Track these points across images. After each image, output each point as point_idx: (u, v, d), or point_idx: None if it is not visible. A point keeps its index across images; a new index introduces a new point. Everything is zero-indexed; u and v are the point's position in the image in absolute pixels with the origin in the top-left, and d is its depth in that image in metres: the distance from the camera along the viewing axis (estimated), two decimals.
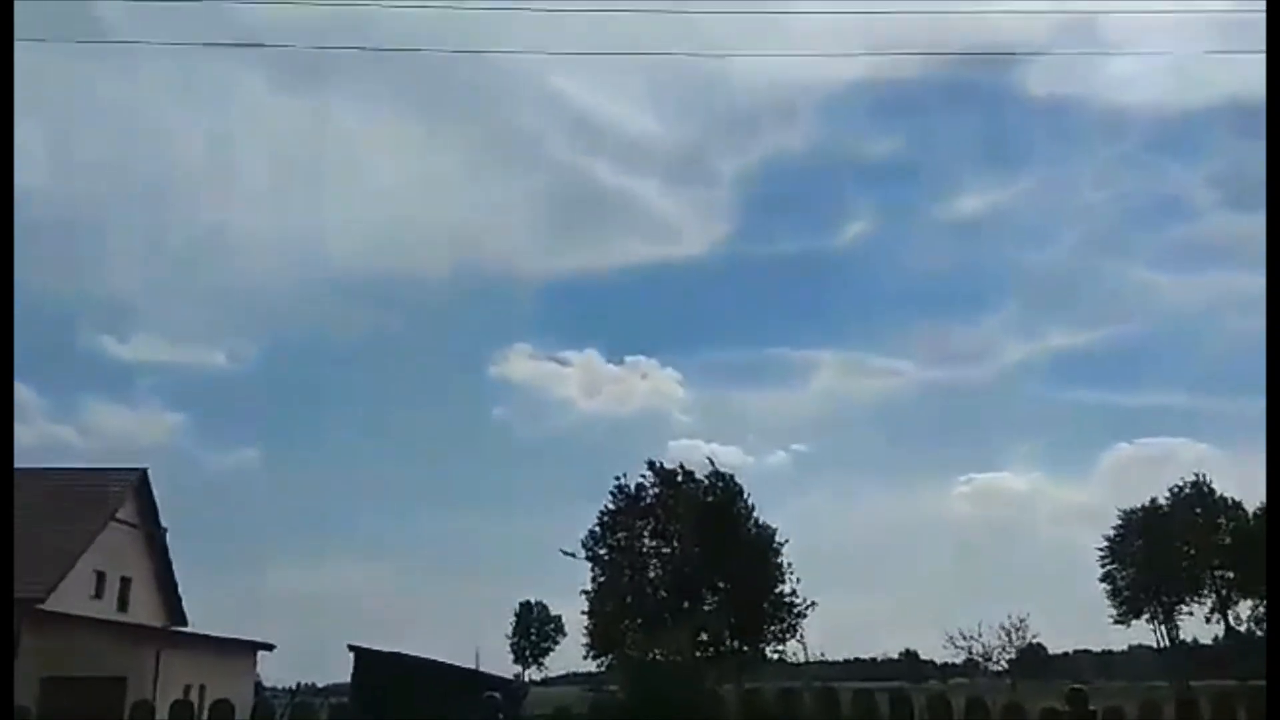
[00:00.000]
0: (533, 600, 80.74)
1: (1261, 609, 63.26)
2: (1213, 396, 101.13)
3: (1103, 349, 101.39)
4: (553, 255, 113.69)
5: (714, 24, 17.17)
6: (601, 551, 45.79)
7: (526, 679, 74.83)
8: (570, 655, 61.07)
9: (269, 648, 34.29)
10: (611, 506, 46.47)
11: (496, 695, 10.14)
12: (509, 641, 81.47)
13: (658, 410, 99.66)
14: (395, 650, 21.56)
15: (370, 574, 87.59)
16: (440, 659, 22.44)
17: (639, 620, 42.38)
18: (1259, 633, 64.56)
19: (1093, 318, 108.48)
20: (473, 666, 27.45)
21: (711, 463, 47.98)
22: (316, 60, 66.90)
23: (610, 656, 43.05)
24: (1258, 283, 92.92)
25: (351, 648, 20.84)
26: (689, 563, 44.31)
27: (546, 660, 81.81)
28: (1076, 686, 9.04)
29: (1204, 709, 8.83)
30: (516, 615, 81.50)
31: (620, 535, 46.19)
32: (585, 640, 45.09)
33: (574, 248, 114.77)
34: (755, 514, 46.18)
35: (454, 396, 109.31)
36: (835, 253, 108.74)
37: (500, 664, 74.54)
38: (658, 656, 41.49)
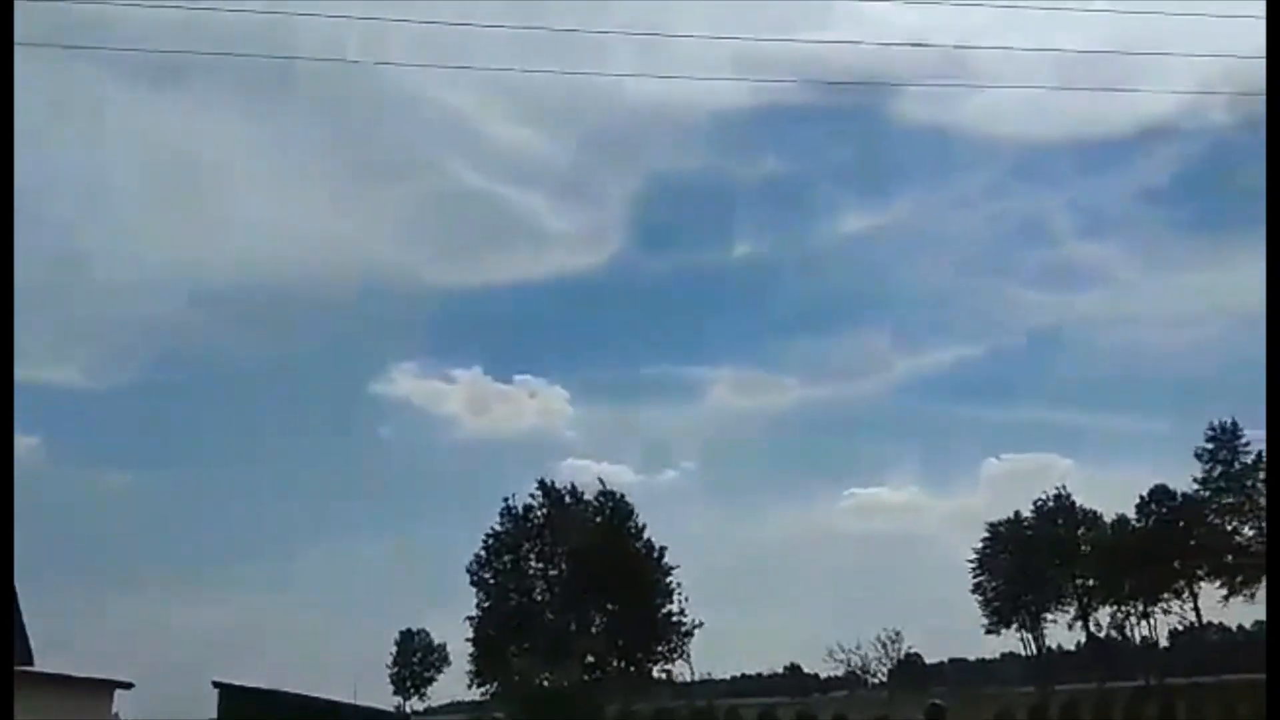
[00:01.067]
0: (414, 628, 78.66)
1: (1120, 614, 67.33)
2: (1074, 413, 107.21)
3: (975, 366, 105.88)
4: (438, 272, 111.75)
5: (602, 42, 17.18)
6: (487, 575, 44.96)
7: (408, 710, 72.57)
8: (454, 684, 59.55)
9: (127, 686, 32.04)
10: (498, 528, 45.72)
11: None
12: (389, 672, 78.88)
13: (546, 429, 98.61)
14: (265, 686, 20.52)
15: (242, 605, 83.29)
16: (314, 693, 21.47)
17: (525, 645, 41.72)
18: (1117, 637, 68.61)
19: (965, 336, 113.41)
20: (349, 700, 26.38)
21: (602, 483, 47.91)
22: (187, 64, 63.92)
23: (495, 684, 42.22)
24: (1114, 304, 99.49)
25: (216, 684, 19.72)
26: (577, 584, 43.92)
27: (429, 690, 79.60)
28: (935, 702, 9.27)
29: (1053, 714, 9.17)
30: (397, 644, 79.00)
31: (507, 558, 45.46)
32: (470, 668, 44.09)
33: (460, 264, 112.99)
34: (645, 534, 46.24)
35: (334, 416, 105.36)
36: (722, 272, 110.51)
37: (380, 696, 71.97)
38: (544, 682, 41.06)
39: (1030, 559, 66.42)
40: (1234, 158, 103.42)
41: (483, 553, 45.08)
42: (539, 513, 46.33)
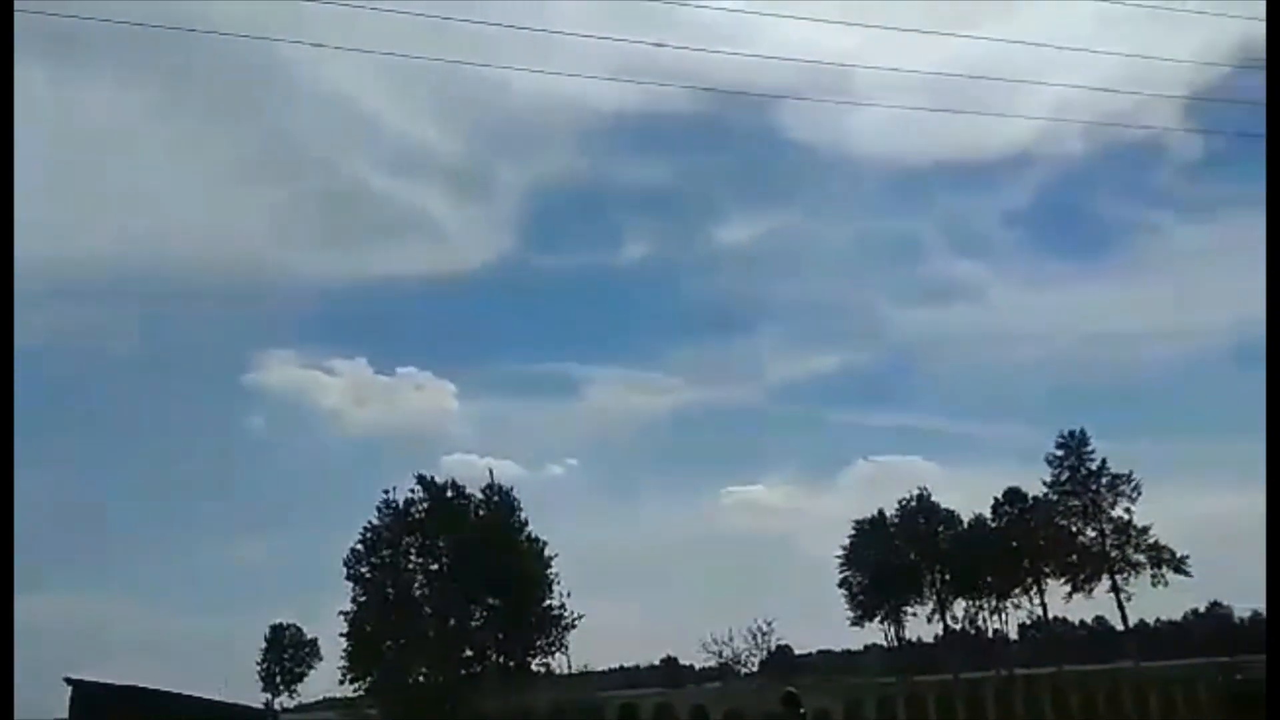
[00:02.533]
0: (284, 623, 76.26)
1: (973, 608, 71.50)
2: (939, 419, 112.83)
3: (848, 374, 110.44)
4: (323, 262, 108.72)
5: (499, 36, 17.30)
6: (363, 570, 44.09)
7: (278, 707, 70.39)
8: (327, 680, 58.18)
9: None
10: (376, 522, 44.90)
11: None
12: (258, 668, 76.21)
13: (432, 423, 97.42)
14: (122, 682, 19.74)
15: (102, 602, 79.17)
16: (178, 690, 20.79)
17: (402, 641, 41.16)
18: (971, 630, 72.85)
19: (839, 345, 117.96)
20: (214, 696, 25.60)
21: (491, 475, 47.65)
22: (65, 32, 60.13)
23: (369, 679, 41.51)
24: (978, 318, 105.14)
25: (69, 680, 18.85)
26: (458, 579, 43.60)
27: (300, 686, 77.29)
28: (790, 690, 9.96)
29: (899, 705, 10.01)
30: (267, 640, 76.44)
31: (385, 553, 44.70)
32: (343, 664, 43.19)
33: (346, 254, 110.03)
34: (528, 529, 46.27)
35: (207, 407, 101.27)
36: (610, 272, 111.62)
37: (249, 692, 69.50)
38: (420, 677, 40.64)
39: (893, 555, 69.78)
40: (1087, 184, 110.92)
41: (360, 547, 44.17)
42: (420, 507, 45.71)
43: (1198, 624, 74.20)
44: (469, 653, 43.53)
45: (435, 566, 45.10)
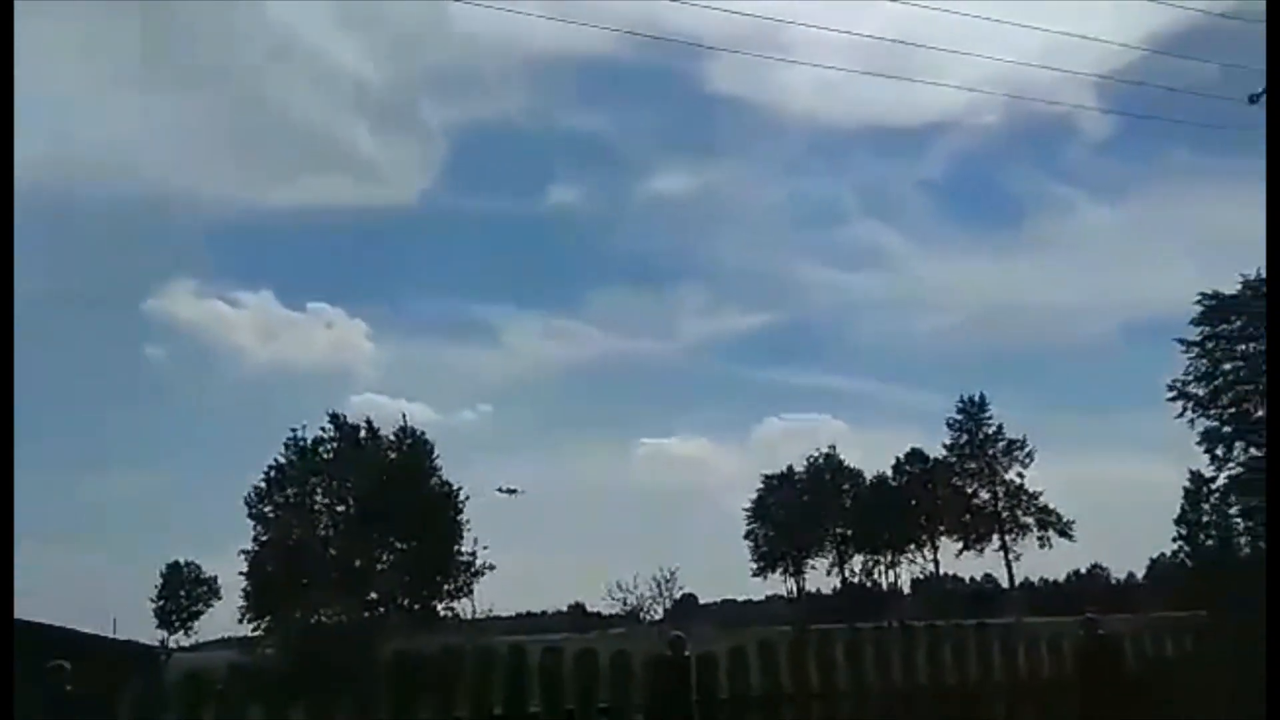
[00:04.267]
0: (183, 561, 74.60)
1: (870, 562, 74.35)
2: (851, 380, 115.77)
3: (765, 332, 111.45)
4: (236, 189, 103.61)
5: None
6: (266, 509, 43.35)
7: (173, 644, 69.13)
8: (226, 619, 57.31)
9: None
10: (282, 460, 44.08)
11: (65, 665, 8.78)
12: (153, 606, 74.52)
13: (343, 362, 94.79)
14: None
15: None
16: (62, 624, 20.20)
17: (304, 581, 40.75)
18: (867, 583, 75.79)
19: (757, 303, 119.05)
20: (105, 633, 24.99)
21: (404, 418, 47.14)
22: None
23: (269, 619, 41.06)
24: (892, 283, 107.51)
25: None
26: (366, 521, 43.23)
27: (197, 624, 75.93)
28: (677, 634, 10.22)
29: (781, 649, 10.37)
30: (163, 577, 74.71)
31: (290, 491, 43.99)
32: (242, 603, 42.60)
33: (260, 183, 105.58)
34: (440, 472, 46.05)
35: (104, 334, 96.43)
36: (534, 218, 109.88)
37: (143, 630, 67.94)
38: (322, 618, 40.37)
39: (798, 510, 71.92)
40: (1003, 157, 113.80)
41: (263, 485, 43.38)
42: (330, 447, 45.01)
43: (1079, 584, 78.59)
44: (374, 596, 43.42)
45: (342, 508, 44.62)
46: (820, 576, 76.03)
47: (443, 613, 45.78)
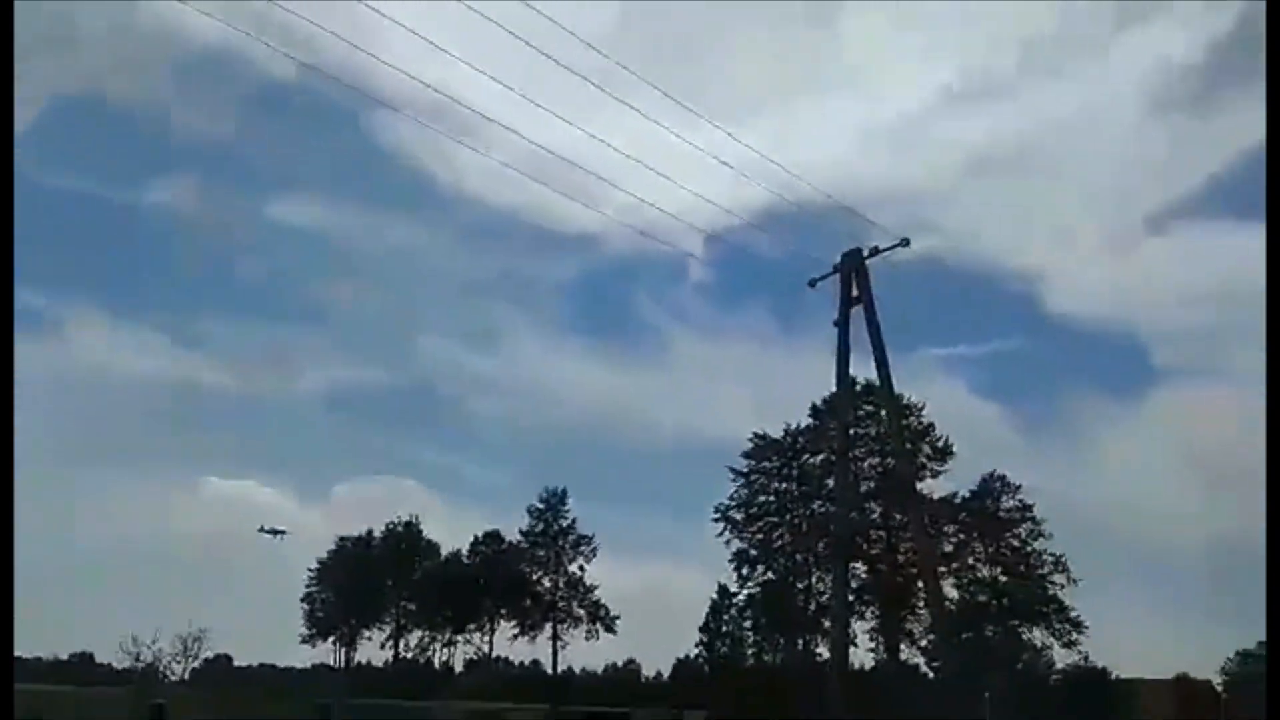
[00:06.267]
0: None
1: (428, 639, 73.62)
2: (448, 453, 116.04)
3: (373, 389, 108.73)
4: None
5: None
6: None
7: None
8: None
9: None
10: None
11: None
12: None
13: None
14: None
15: None
16: None
17: None
18: (421, 660, 74.75)
19: (372, 359, 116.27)
20: None
21: None
22: None
23: None
24: (513, 370, 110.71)
25: None
26: None
27: None
28: (158, 702, 9.66)
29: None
30: None
31: None
32: None
33: None
34: None
35: None
36: (130, 207, 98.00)
37: None
38: None
39: (366, 577, 69.63)
40: (630, 279, 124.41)
41: None
42: None
43: (615, 676, 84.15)
44: None
45: None
46: (374, 649, 73.71)
47: None
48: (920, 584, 43.75)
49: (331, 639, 71.77)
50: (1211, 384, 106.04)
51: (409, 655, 73.37)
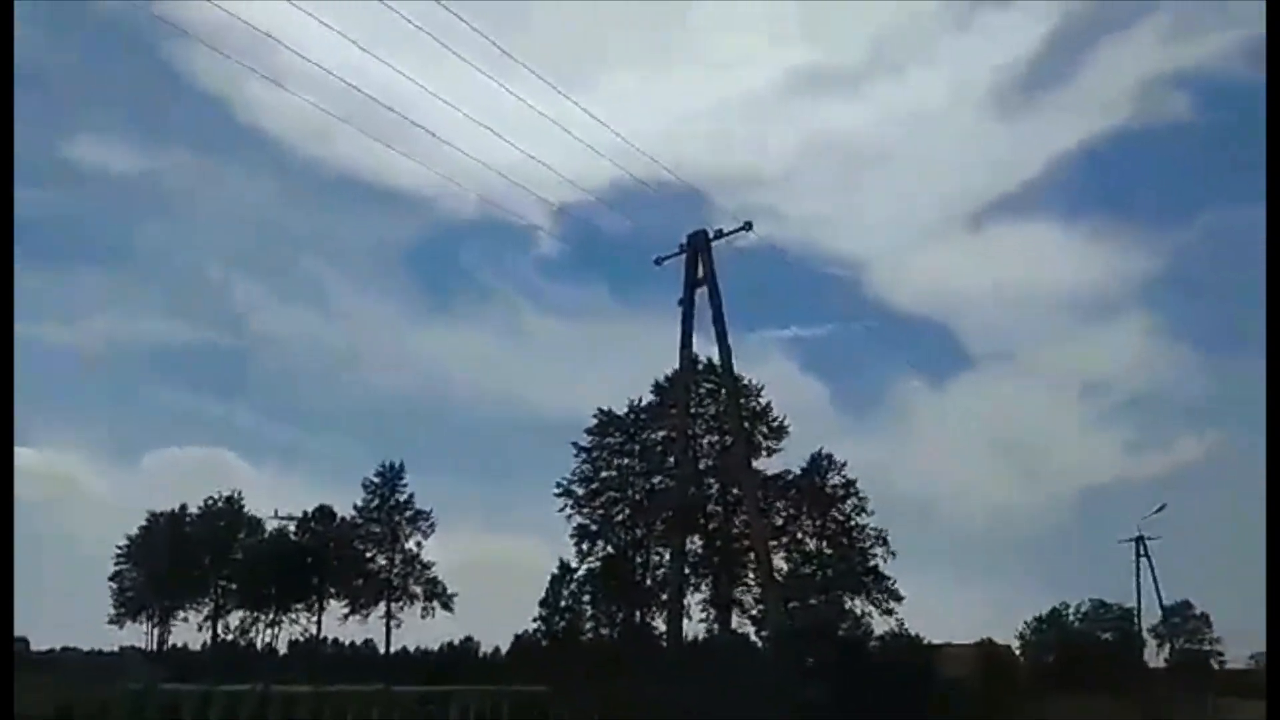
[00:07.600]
0: None
1: (249, 619, 70.00)
2: (272, 422, 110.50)
3: (190, 349, 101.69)
4: None
5: None
6: None
7: None
8: None
9: None
10: None
11: None
12: None
13: None
14: None
15: None
16: None
17: None
18: (242, 643, 71.02)
19: (188, 316, 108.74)
20: None
21: None
22: None
23: None
24: (338, 335, 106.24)
25: None
26: None
27: None
28: None
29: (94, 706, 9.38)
30: None
31: None
32: None
33: None
34: None
35: None
36: None
37: None
38: None
39: (182, 555, 65.47)
40: (470, 245, 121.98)
41: None
42: None
43: (451, 655, 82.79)
44: None
45: None
46: (191, 631, 69.48)
47: None
48: (752, 556, 45.29)
49: (142, 620, 67.19)
50: (1015, 373, 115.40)
51: (229, 637, 69.69)
